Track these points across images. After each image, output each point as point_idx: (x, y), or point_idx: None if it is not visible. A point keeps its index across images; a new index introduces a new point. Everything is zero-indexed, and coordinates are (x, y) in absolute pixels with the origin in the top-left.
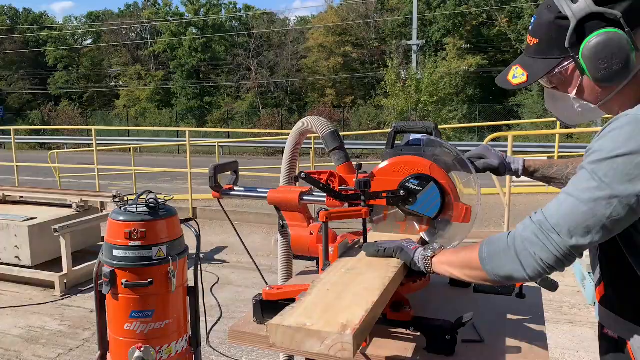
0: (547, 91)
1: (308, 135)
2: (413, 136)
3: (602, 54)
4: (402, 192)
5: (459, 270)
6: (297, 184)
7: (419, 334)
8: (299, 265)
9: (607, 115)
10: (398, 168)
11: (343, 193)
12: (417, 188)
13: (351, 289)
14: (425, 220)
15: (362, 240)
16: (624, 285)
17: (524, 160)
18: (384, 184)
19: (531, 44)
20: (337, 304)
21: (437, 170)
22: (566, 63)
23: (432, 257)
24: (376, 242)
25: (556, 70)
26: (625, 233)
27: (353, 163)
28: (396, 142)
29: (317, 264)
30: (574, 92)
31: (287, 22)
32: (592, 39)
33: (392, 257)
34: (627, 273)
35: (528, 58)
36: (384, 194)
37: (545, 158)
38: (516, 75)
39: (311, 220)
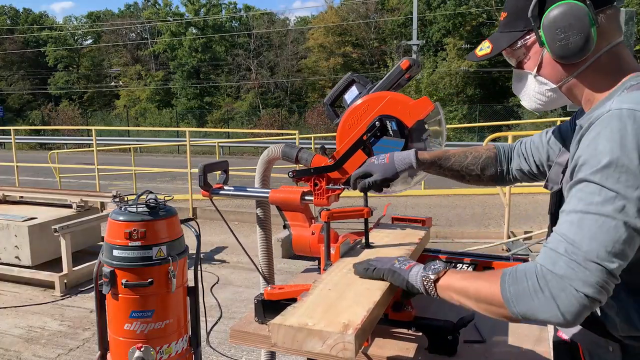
0: (515, 72)
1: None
2: (348, 98)
3: (561, 23)
4: (377, 122)
5: (475, 303)
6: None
7: (420, 334)
8: (300, 265)
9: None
10: (358, 114)
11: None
12: (390, 131)
13: (353, 288)
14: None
15: (363, 240)
16: None
17: (416, 151)
18: (347, 139)
19: (502, 19)
20: (338, 304)
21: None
22: (529, 36)
23: (435, 281)
24: (367, 260)
25: (519, 43)
26: None
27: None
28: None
29: (319, 263)
30: (535, 68)
31: (287, 22)
32: (554, 9)
33: (383, 279)
34: None
35: (497, 33)
36: (365, 137)
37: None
38: (482, 48)
39: (313, 220)
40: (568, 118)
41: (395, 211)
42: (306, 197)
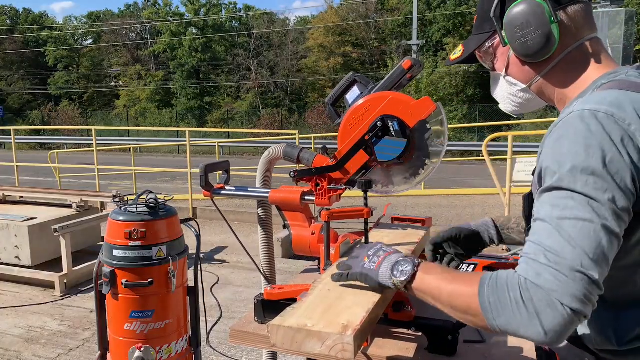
0: (491, 75)
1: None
2: (350, 98)
3: (518, 21)
4: (379, 123)
5: (450, 309)
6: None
7: (420, 334)
8: (300, 265)
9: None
10: (359, 114)
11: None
12: (392, 131)
13: (352, 289)
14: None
15: (363, 240)
16: None
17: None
18: (349, 139)
19: (473, 22)
20: (338, 305)
21: (397, 100)
22: (495, 37)
23: (407, 284)
24: (343, 262)
25: (487, 45)
26: None
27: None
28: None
29: (319, 263)
30: (504, 69)
31: (287, 22)
32: (513, 8)
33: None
34: None
35: (470, 36)
36: (366, 137)
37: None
38: (456, 52)
39: (312, 220)
40: None
41: (395, 211)
42: (306, 197)
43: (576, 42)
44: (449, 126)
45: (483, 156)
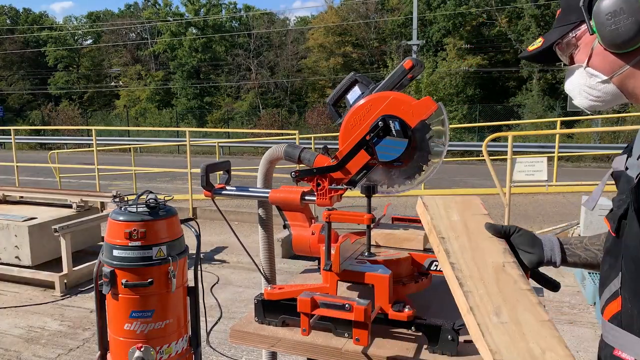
0: (567, 70)
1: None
2: (351, 98)
3: (610, 8)
4: (380, 122)
5: None
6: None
7: (420, 334)
8: (300, 265)
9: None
10: (361, 114)
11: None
12: (393, 131)
13: (524, 324)
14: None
15: (364, 241)
16: None
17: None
18: (350, 139)
19: (557, 16)
20: (525, 347)
21: (398, 100)
22: (581, 27)
23: None
24: None
25: (570, 35)
26: None
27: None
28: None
29: (319, 263)
30: (586, 60)
31: (287, 22)
32: None
33: None
34: None
35: (551, 29)
36: (367, 137)
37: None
38: (534, 43)
39: (313, 220)
40: (568, 118)
41: (395, 211)
42: (306, 197)
43: None
44: (449, 126)
45: (483, 156)
